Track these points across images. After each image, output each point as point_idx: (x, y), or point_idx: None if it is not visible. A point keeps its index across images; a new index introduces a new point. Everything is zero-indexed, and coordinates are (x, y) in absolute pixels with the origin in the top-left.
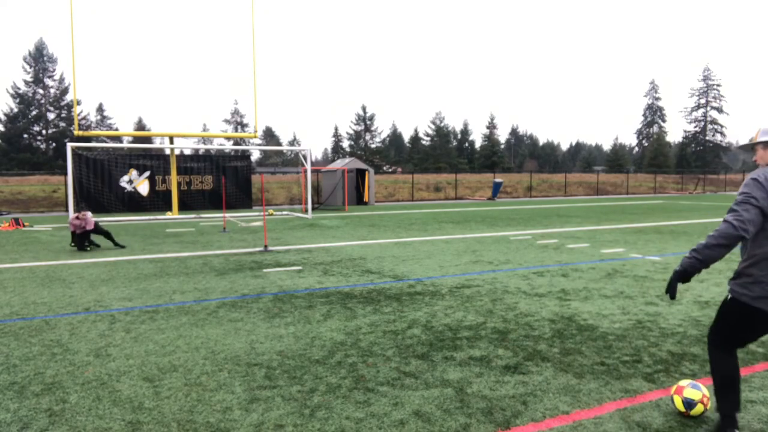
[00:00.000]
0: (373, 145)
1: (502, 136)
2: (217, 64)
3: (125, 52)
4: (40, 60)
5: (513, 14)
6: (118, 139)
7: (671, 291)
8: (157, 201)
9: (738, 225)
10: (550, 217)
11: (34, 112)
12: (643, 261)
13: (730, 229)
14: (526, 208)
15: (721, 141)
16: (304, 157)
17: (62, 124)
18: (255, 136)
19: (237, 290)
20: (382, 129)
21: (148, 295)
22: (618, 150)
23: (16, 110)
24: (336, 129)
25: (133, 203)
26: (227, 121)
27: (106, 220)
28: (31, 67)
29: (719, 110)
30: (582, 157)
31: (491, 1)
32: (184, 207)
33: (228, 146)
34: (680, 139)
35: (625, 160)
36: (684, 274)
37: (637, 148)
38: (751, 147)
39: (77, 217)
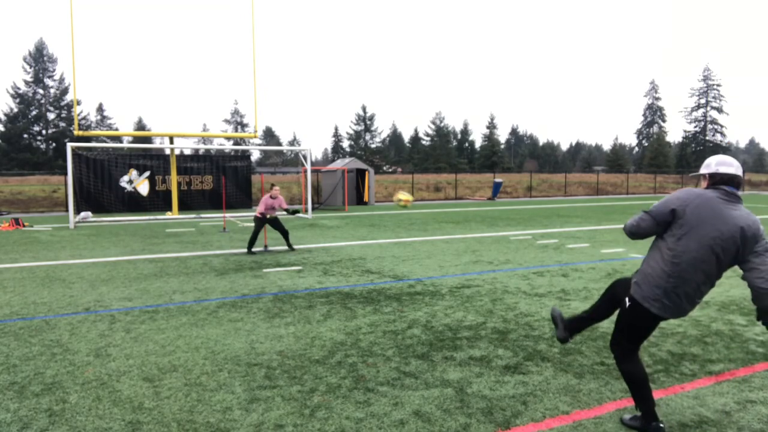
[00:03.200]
0: (373, 145)
1: (502, 136)
2: (217, 64)
3: (125, 53)
4: (40, 60)
5: (513, 14)
6: (118, 139)
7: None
8: (157, 201)
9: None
10: (550, 217)
11: (34, 112)
12: None
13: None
14: (526, 208)
15: (721, 141)
16: (304, 157)
17: (62, 124)
18: (255, 136)
19: (237, 290)
20: (382, 129)
21: (148, 295)
22: (618, 150)
23: (16, 110)
24: (336, 129)
25: (133, 203)
26: (227, 121)
27: (107, 220)
28: (31, 67)
29: (719, 110)
30: (582, 157)
31: (491, 2)
32: (184, 207)
33: (228, 146)
34: (680, 139)
35: (625, 160)
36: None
37: (637, 148)
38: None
39: (272, 196)
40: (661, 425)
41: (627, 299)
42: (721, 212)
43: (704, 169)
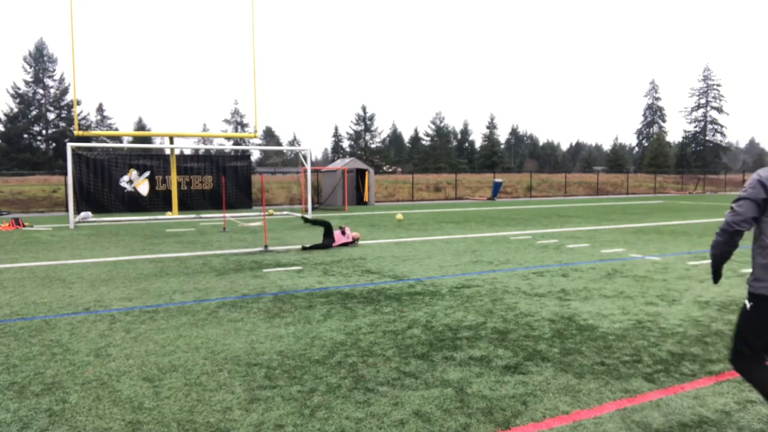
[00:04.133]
0: (373, 145)
1: (502, 136)
2: (217, 64)
3: (125, 52)
4: (40, 60)
5: (512, 15)
6: (118, 139)
7: (716, 277)
8: (157, 201)
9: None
10: (550, 217)
11: (34, 112)
12: (643, 261)
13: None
14: (526, 208)
15: (721, 141)
16: (304, 157)
17: (62, 124)
18: (255, 136)
19: (237, 290)
20: (382, 129)
21: (148, 295)
22: (618, 150)
23: (16, 110)
24: (336, 129)
25: (133, 203)
26: (227, 121)
27: (107, 220)
28: (31, 67)
29: (719, 110)
30: (582, 157)
31: (491, 2)
32: (184, 207)
33: (228, 146)
34: (680, 139)
35: (625, 160)
36: (715, 268)
37: (637, 148)
38: None
39: (344, 233)
40: None
41: (747, 301)
42: None
43: None
